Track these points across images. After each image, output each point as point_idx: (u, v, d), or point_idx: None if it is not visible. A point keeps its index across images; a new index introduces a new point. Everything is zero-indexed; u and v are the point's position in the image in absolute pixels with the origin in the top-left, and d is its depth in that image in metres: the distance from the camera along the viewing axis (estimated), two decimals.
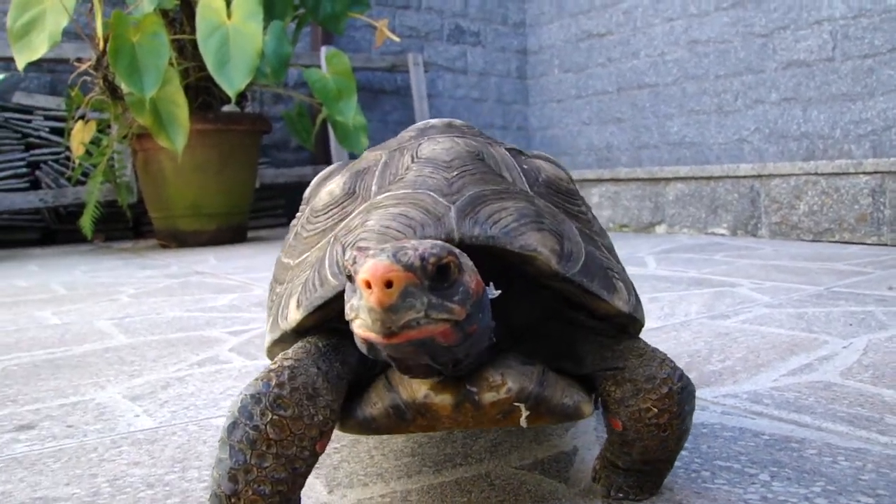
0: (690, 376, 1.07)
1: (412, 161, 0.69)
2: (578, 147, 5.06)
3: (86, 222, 3.39)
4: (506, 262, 0.63)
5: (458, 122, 0.78)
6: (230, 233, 3.65)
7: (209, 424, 0.93)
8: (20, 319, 1.75)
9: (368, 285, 0.48)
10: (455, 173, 0.67)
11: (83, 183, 3.80)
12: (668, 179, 3.34)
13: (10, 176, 3.87)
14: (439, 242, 0.51)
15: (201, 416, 0.97)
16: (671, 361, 0.63)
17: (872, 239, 2.65)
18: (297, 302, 0.64)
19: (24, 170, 3.91)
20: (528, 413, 0.61)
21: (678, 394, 0.62)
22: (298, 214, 0.81)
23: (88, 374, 1.21)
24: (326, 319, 0.64)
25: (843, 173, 2.72)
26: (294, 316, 0.64)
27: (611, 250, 0.76)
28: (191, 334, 1.50)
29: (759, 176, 2.98)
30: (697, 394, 0.98)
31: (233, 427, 0.55)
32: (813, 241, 2.81)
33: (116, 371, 1.22)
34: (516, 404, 0.60)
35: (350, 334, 0.57)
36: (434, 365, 0.54)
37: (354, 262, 0.50)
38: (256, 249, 3.30)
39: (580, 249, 0.65)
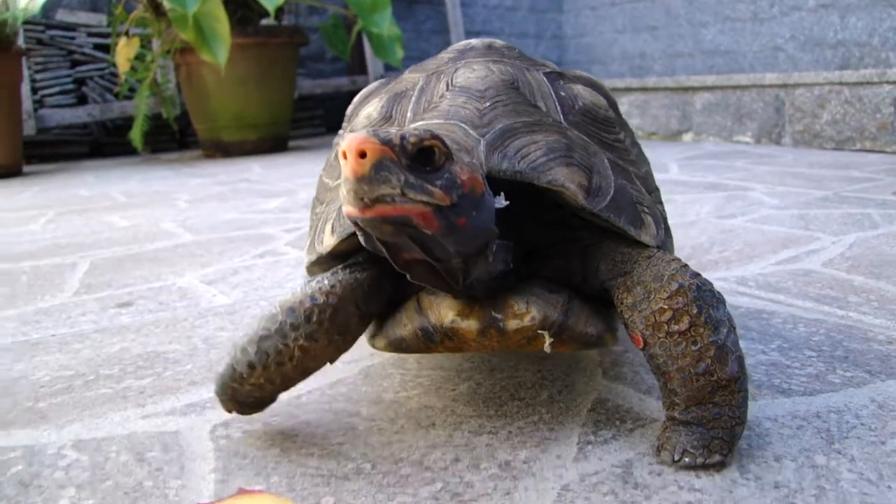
0: (691, 264, 1.22)
1: (447, 89, 0.69)
2: (612, 55, 5.08)
3: (136, 135, 3.57)
4: (536, 189, 0.64)
5: (498, 43, 0.78)
6: (272, 142, 3.81)
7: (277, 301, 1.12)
8: (92, 223, 1.95)
9: (346, 156, 0.49)
10: (488, 104, 0.67)
11: (129, 98, 3.97)
12: (695, 89, 3.41)
13: (59, 92, 4.04)
14: (430, 128, 0.52)
15: (269, 294, 1.16)
16: (682, 262, 0.61)
17: (892, 147, 2.72)
18: (332, 227, 0.66)
19: (71, 86, 4.08)
20: (551, 340, 0.62)
21: (692, 291, 0.57)
22: (340, 132, 0.84)
23: (165, 264, 1.40)
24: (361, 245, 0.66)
25: (867, 83, 2.78)
26: (329, 241, 0.66)
27: (646, 179, 0.75)
28: (248, 232, 1.68)
29: (785, 85, 3.04)
30: None
31: (265, 337, 0.62)
32: (835, 149, 2.89)
33: (189, 262, 1.41)
34: (540, 332, 0.62)
35: (388, 264, 0.60)
36: (438, 267, 0.56)
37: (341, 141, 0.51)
38: (298, 157, 3.47)
39: (609, 184, 0.65)
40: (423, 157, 0.50)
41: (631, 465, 0.60)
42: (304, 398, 0.77)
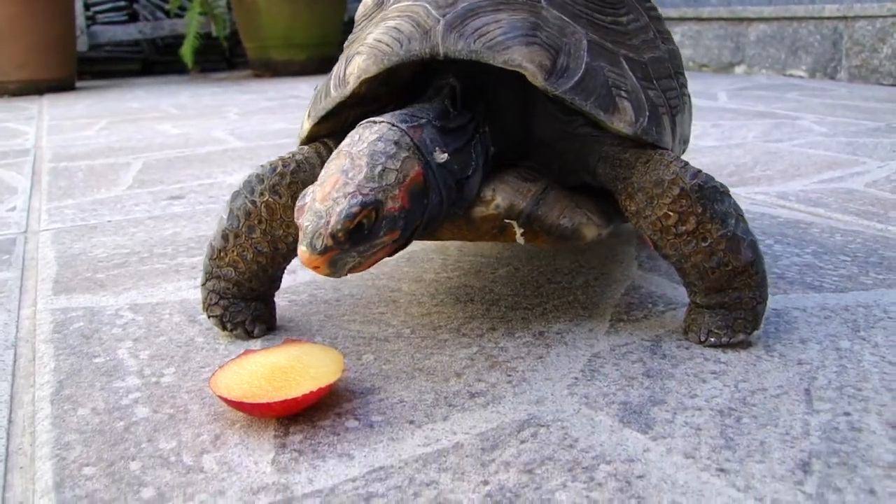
0: (731, 180, 1.22)
1: None
2: None
3: (187, 51, 3.60)
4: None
5: None
6: (320, 63, 3.82)
7: None
8: (144, 131, 1.99)
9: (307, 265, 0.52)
10: None
11: (179, 16, 3.99)
12: (750, 19, 3.32)
13: (111, 9, 4.08)
14: (355, 199, 0.51)
15: None
16: (681, 161, 0.59)
17: None
18: (308, 112, 0.68)
19: (123, 2, 4.11)
20: (522, 230, 0.62)
21: (695, 192, 0.57)
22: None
23: (215, 165, 1.44)
24: (343, 125, 0.67)
25: None
26: (305, 126, 0.68)
27: (646, 65, 0.68)
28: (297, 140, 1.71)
29: (844, 17, 2.95)
30: (733, 192, 1.14)
31: (236, 196, 0.64)
32: (892, 84, 2.81)
33: (238, 164, 1.45)
34: (507, 221, 0.61)
35: None
36: None
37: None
38: None
39: (579, 64, 0.60)
40: (358, 228, 0.51)
41: (660, 340, 0.63)
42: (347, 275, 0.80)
